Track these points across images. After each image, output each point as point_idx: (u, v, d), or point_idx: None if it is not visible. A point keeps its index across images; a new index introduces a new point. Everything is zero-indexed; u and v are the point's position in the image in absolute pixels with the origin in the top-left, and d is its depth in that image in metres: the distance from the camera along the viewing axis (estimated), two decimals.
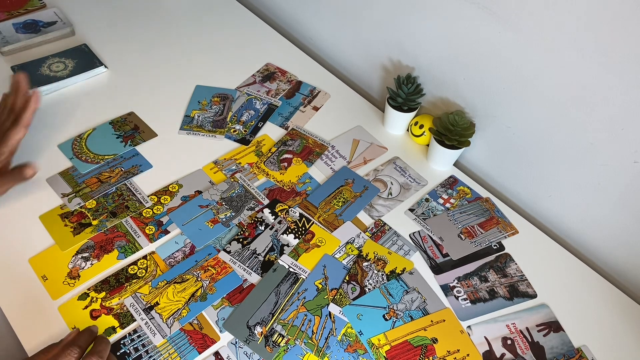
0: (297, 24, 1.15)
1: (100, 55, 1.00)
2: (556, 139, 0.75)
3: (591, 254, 0.81)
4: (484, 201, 0.84)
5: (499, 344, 0.68)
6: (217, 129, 0.90)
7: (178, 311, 0.66)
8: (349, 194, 0.83)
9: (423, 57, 0.88)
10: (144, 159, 0.84)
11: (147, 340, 0.64)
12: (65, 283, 0.68)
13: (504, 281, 0.74)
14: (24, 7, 1.07)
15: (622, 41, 0.61)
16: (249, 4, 1.23)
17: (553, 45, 0.68)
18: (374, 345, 0.66)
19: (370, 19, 0.94)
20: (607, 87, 0.65)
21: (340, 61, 1.09)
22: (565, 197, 0.79)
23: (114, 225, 0.74)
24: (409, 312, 0.70)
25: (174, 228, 0.75)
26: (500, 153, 0.85)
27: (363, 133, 0.93)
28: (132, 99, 0.93)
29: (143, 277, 0.69)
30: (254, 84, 1.00)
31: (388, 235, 0.78)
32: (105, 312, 0.66)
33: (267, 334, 0.65)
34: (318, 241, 0.76)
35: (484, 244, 0.78)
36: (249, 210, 0.78)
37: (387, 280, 0.72)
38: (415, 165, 0.89)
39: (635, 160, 0.67)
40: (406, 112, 0.89)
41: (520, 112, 0.77)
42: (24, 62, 0.95)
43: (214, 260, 0.72)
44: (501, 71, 0.76)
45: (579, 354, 0.68)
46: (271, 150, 0.87)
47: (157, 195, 0.79)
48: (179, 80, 0.98)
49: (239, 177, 0.83)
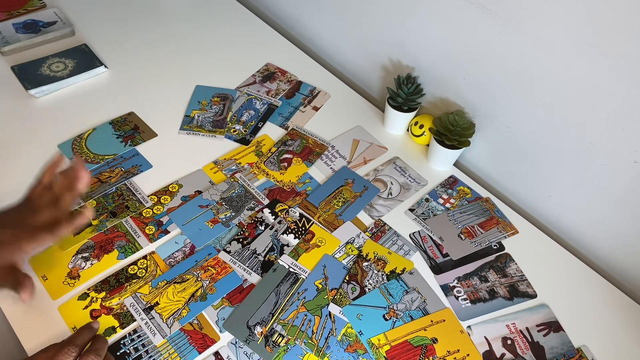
0: (297, 24, 1.15)
1: (100, 55, 1.00)
2: (556, 139, 0.75)
3: (591, 254, 0.81)
4: (484, 201, 0.84)
5: (499, 344, 0.68)
6: (217, 129, 0.90)
7: (178, 311, 0.66)
8: (349, 194, 0.83)
9: (423, 57, 0.88)
10: (144, 159, 0.84)
11: (147, 340, 0.64)
12: (65, 283, 0.68)
13: (504, 281, 0.74)
14: (24, 7, 1.07)
15: (622, 41, 0.61)
16: (249, 4, 1.23)
17: (553, 45, 0.68)
18: (374, 345, 0.66)
19: (370, 19, 0.94)
20: (607, 87, 0.65)
21: (340, 61, 1.09)
22: (565, 197, 0.79)
23: (114, 225, 0.74)
24: (409, 312, 0.69)
25: (174, 228, 0.75)
26: (500, 153, 0.85)
27: (363, 133, 0.93)
28: (132, 99, 0.93)
29: (143, 277, 0.69)
30: (254, 84, 1.00)
31: (388, 235, 0.78)
32: (105, 312, 0.66)
33: (267, 334, 0.65)
34: (318, 241, 0.76)
35: (484, 244, 0.78)
36: (249, 210, 0.78)
37: (387, 280, 0.72)
38: (415, 165, 0.89)
39: (635, 160, 0.67)
40: (406, 112, 0.89)
41: (520, 112, 0.77)
42: (24, 62, 0.95)
43: (214, 260, 0.72)
44: (501, 71, 0.76)
45: (579, 354, 0.67)
46: (271, 150, 0.87)
47: (157, 195, 0.79)
48: (179, 80, 0.98)
49: (239, 177, 0.83)
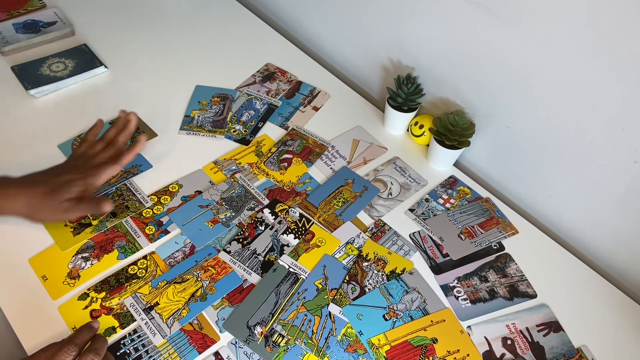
0: (297, 24, 1.15)
1: (100, 55, 1.00)
2: (556, 139, 0.75)
3: (591, 254, 0.81)
4: (484, 201, 0.84)
5: (499, 344, 0.68)
6: (217, 129, 0.90)
7: (178, 311, 0.66)
8: (349, 194, 0.83)
9: (423, 57, 0.88)
10: (144, 159, 0.84)
11: (147, 340, 0.64)
12: (65, 283, 0.68)
13: (504, 281, 0.74)
14: (24, 7, 1.07)
15: (622, 41, 0.61)
16: (249, 4, 1.23)
17: (553, 45, 0.68)
18: (374, 345, 0.66)
19: (370, 19, 0.94)
20: (607, 86, 0.65)
21: (340, 61, 1.09)
22: (565, 197, 0.79)
23: (114, 225, 0.74)
24: (409, 312, 0.70)
25: (174, 228, 0.75)
26: (500, 153, 0.85)
27: (363, 133, 0.93)
28: (132, 99, 0.93)
29: (143, 277, 0.69)
30: (254, 84, 1.00)
31: (388, 235, 0.78)
32: (105, 312, 0.66)
33: (267, 334, 0.65)
34: (318, 241, 0.76)
35: (484, 244, 0.78)
36: (249, 210, 0.78)
37: (387, 280, 0.72)
38: (415, 165, 0.89)
39: (635, 160, 0.67)
40: (406, 112, 0.89)
41: (520, 112, 0.77)
42: (24, 62, 0.95)
43: (214, 260, 0.72)
44: (501, 71, 0.76)
45: (579, 354, 0.68)
46: (271, 150, 0.87)
47: (157, 195, 0.79)
48: (179, 80, 0.98)
49: (239, 177, 0.83)
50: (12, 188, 0.66)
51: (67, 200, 0.67)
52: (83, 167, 0.71)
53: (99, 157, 0.74)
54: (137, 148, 0.76)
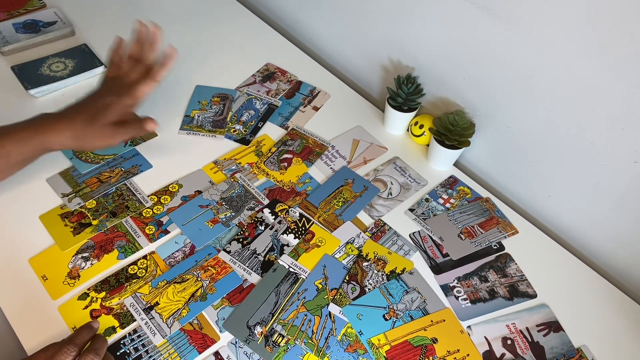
0: (297, 24, 1.15)
1: (100, 55, 1.00)
2: (556, 139, 0.75)
3: (591, 254, 0.81)
4: (484, 201, 0.84)
5: (499, 344, 0.68)
6: (217, 129, 0.90)
7: (178, 311, 0.66)
8: (349, 194, 0.83)
9: (423, 57, 0.88)
10: (144, 159, 0.84)
11: (147, 340, 0.64)
12: (65, 283, 0.68)
13: (504, 281, 0.74)
14: (24, 7, 1.07)
15: (622, 41, 0.61)
16: (249, 4, 1.23)
17: (553, 45, 0.68)
18: (374, 345, 0.66)
19: (370, 19, 0.94)
20: (607, 86, 0.65)
21: (340, 61, 1.09)
22: (565, 197, 0.79)
23: (114, 225, 0.74)
24: (409, 312, 0.70)
25: (174, 228, 0.75)
26: (500, 153, 0.85)
27: (363, 133, 0.93)
28: None
29: (143, 277, 0.69)
30: (254, 84, 1.00)
31: (388, 235, 0.78)
32: (105, 312, 0.66)
33: (267, 334, 0.65)
34: (318, 241, 0.76)
35: (484, 244, 0.78)
36: (249, 210, 0.78)
37: (387, 280, 0.72)
38: (415, 165, 0.89)
39: (635, 160, 0.67)
40: (406, 112, 0.89)
41: (520, 112, 0.77)
42: (24, 62, 0.95)
43: (214, 260, 0.72)
44: (501, 71, 0.76)
45: (579, 354, 0.68)
46: (271, 150, 0.87)
47: (157, 195, 0.79)
48: (179, 80, 0.98)
49: (239, 177, 0.83)
50: (57, 122, 0.67)
51: (108, 124, 0.67)
52: (116, 89, 0.71)
53: (130, 76, 0.73)
54: (170, 61, 0.74)
